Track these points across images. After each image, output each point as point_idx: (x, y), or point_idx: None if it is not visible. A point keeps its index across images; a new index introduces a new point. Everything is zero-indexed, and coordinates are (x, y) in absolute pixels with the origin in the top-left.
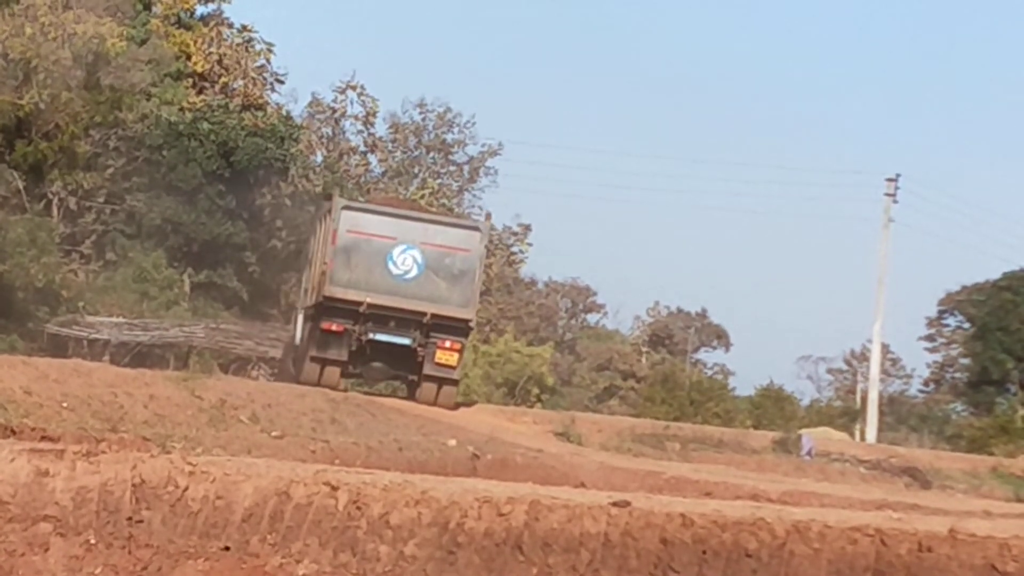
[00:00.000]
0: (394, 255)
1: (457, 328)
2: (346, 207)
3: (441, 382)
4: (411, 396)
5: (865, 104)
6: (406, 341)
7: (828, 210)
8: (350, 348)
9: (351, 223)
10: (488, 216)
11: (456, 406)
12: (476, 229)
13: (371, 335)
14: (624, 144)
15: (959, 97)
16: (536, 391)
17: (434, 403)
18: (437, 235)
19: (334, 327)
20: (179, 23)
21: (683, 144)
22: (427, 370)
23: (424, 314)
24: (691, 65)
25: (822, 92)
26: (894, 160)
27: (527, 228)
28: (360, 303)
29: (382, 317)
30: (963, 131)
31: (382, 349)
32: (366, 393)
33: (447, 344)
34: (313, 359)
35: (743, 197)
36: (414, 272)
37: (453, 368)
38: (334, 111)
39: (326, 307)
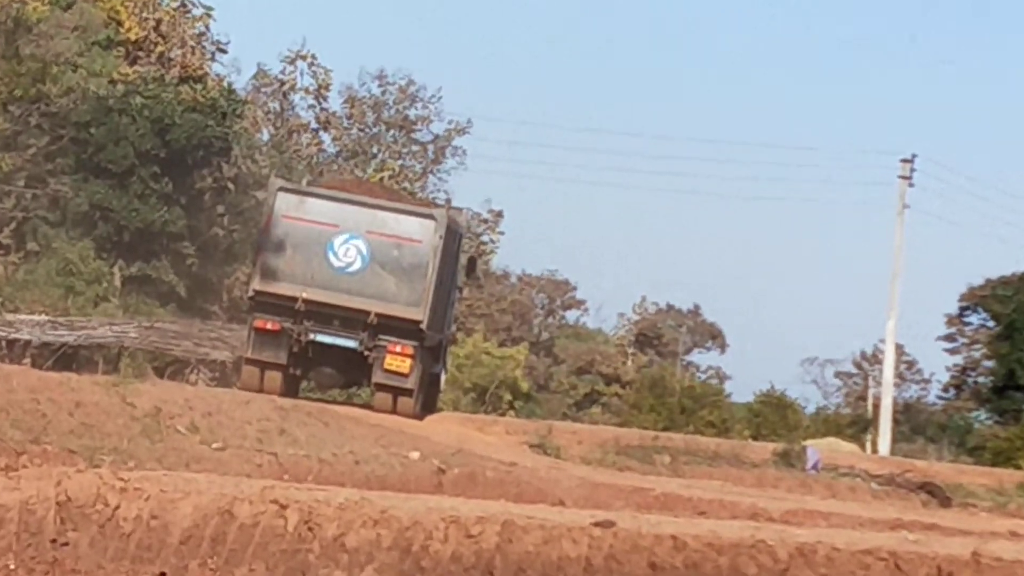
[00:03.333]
0: (335, 245)
1: (407, 330)
2: (282, 188)
3: (395, 392)
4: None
5: (877, 78)
6: (351, 344)
7: (836, 195)
8: (290, 350)
9: (288, 207)
10: (448, 202)
11: (420, 415)
12: (430, 217)
13: (312, 336)
14: (608, 122)
15: (980, 70)
16: (509, 397)
17: (392, 413)
18: (385, 223)
19: (269, 325)
20: None
21: (673, 122)
22: (377, 378)
23: (368, 313)
24: (684, 35)
25: (826, 64)
26: (909, 139)
27: (498, 215)
28: (295, 299)
29: (324, 316)
30: (985, 107)
31: (326, 352)
32: (318, 400)
33: (397, 349)
34: (249, 361)
35: (741, 181)
36: (357, 265)
37: (405, 376)
38: (282, 84)
39: (258, 303)
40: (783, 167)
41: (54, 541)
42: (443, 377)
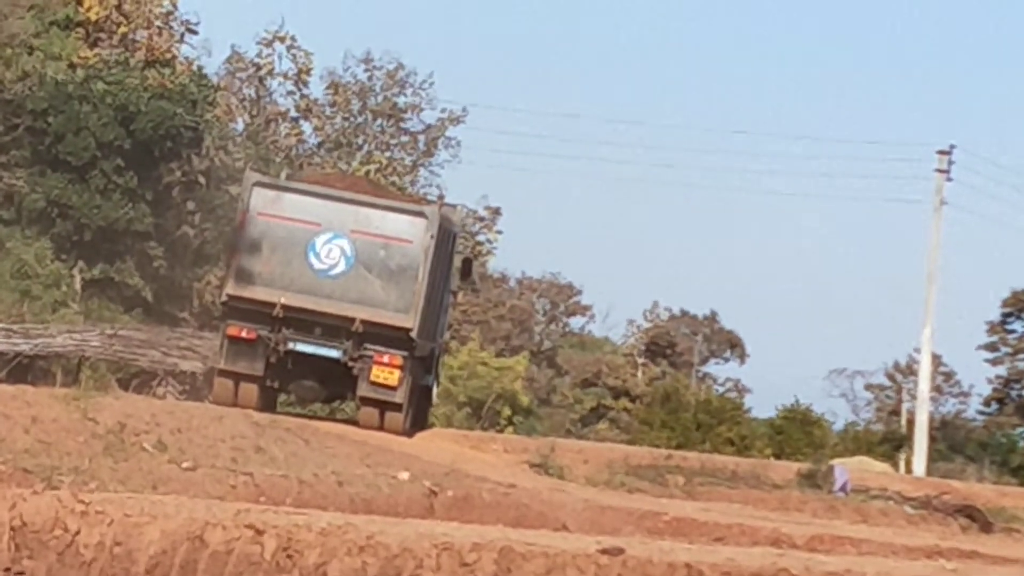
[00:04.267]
0: (317, 245)
1: (396, 339)
2: (258, 183)
3: (382, 406)
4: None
5: (913, 66)
6: (335, 354)
7: (868, 191)
8: (267, 360)
9: (264, 204)
10: (441, 198)
11: (410, 432)
12: (421, 215)
13: (291, 345)
14: (614, 111)
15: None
16: (507, 412)
17: (378, 430)
18: (371, 221)
19: (243, 333)
20: None
21: (686, 111)
22: (362, 391)
23: (352, 320)
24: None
25: (858, 53)
26: (947, 130)
27: (496, 212)
28: (273, 305)
29: (304, 323)
30: None
31: (307, 363)
32: (298, 415)
33: (384, 359)
34: (222, 373)
35: (762, 176)
36: (341, 267)
37: (393, 389)
38: (258, 68)
39: (232, 308)
40: (812, 160)
41: (7, 570)
42: (435, 390)
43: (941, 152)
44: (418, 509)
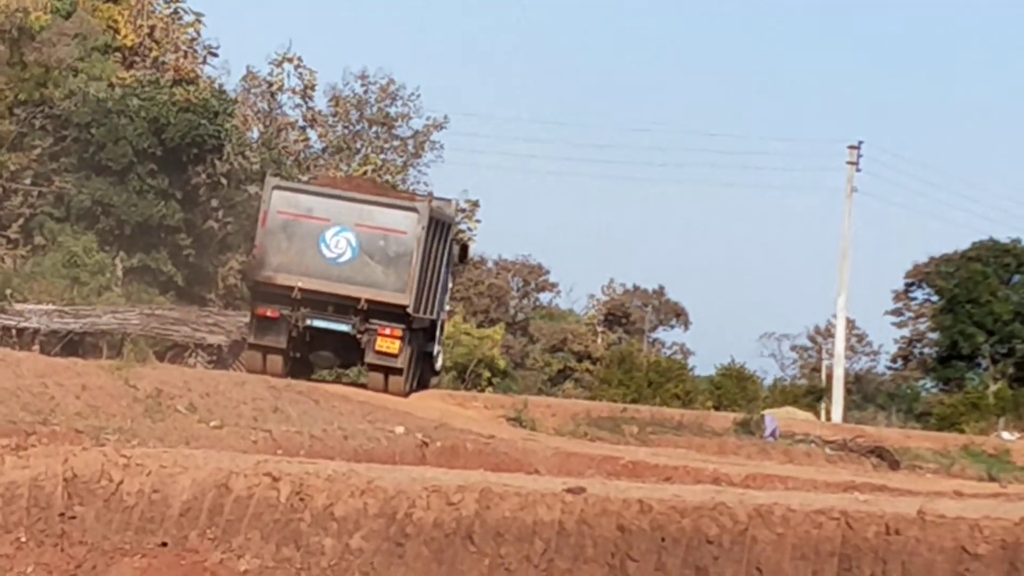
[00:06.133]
0: (327, 237)
1: (395, 314)
2: (277, 187)
3: (387, 371)
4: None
5: (825, 68)
6: (345, 328)
7: (788, 180)
8: (289, 335)
9: (283, 203)
10: (431, 195)
11: (407, 393)
12: (413, 210)
13: (309, 321)
14: (573, 115)
15: (922, 61)
16: (487, 374)
17: (383, 392)
18: (372, 216)
19: (269, 313)
20: None
21: (634, 113)
22: (369, 358)
23: (358, 300)
24: (644, 28)
25: (780, 56)
26: (856, 127)
27: (475, 204)
28: (292, 288)
29: (319, 303)
30: (928, 95)
31: (323, 336)
32: (309, 379)
33: (387, 331)
34: (252, 346)
35: (699, 168)
36: (348, 255)
37: (395, 356)
38: (270, 84)
39: (258, 292)
40: (741, 155)
41: (62, 515)
42: (440, 358)
43: (851, 147)
44: (411, 458)
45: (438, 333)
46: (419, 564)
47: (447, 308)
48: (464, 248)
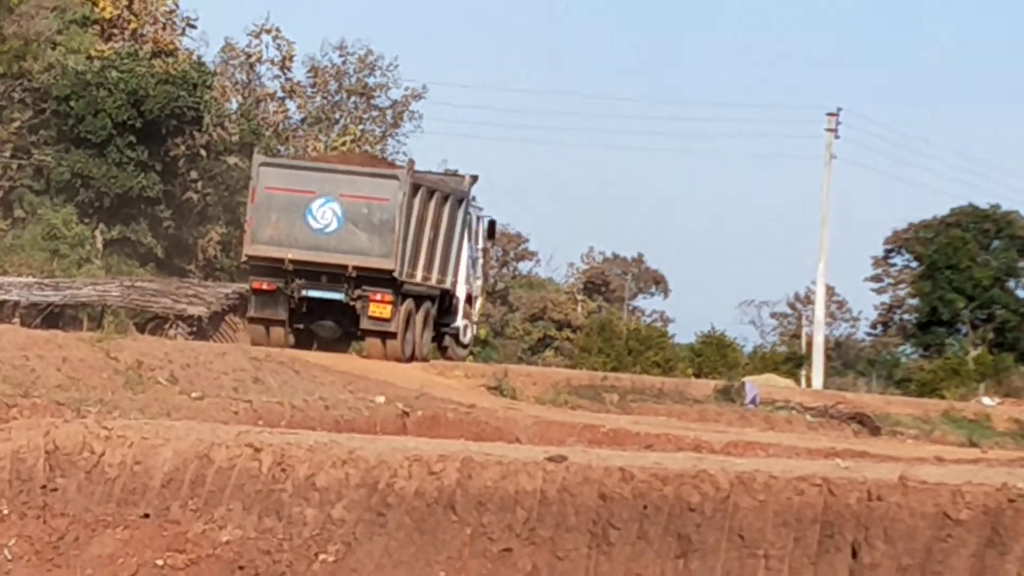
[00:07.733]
0: (313, 209)
1: (384, 280)
2: (264, 163)
3: (382, 336)
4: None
5: (804, 36)
6: (338, 296)
7: (768, 147)
8: (289, 306)
9: (269, 179)
10: (411, 163)
11: (408, 359)
12: (394, 178)
13: (304, 292)
14: (551, 82)
15: (901, 29)
16: None
17: (383, 358)
18: (356, 186)
19: (264, 286)
20: None
21: (615, 81)
22: (364, 324)
23: (346, 267)
24: None
25: (757, 23)
26: (835, 94)
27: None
28: (282, 260)
29: (311, 273)
30: (907, 63)
31: (319, 306)
32: (292, 347)
33: (378, 297)
34: (253, 320)
35: (677, 136)
36: (334, 225)
37: (387, 320)
38: (248, 56)
39: (252, 266)
40: (720, 122)
41: (44, 487)
42: (470, 332)
43: (830, 114)
44: (392, 427)
45: (462, 306)
46: (401, 533)
47: (477, 282)
48: (492, 225)
